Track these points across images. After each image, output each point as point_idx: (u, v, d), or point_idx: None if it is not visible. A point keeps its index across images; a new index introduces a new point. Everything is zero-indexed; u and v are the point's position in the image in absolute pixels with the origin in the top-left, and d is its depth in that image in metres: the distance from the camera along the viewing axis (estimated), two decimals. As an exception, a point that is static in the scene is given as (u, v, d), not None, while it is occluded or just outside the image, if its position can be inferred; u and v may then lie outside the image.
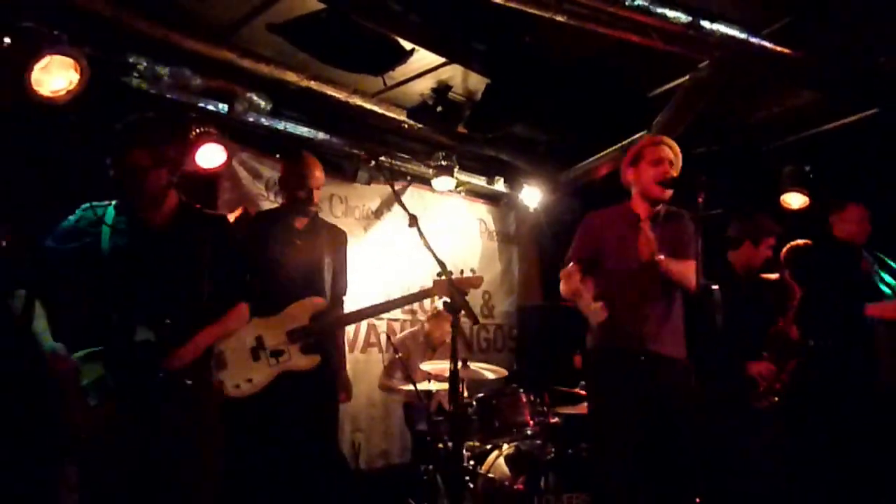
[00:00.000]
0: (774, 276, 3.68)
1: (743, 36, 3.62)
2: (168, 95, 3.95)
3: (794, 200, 5.07)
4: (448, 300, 2.34)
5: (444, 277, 2.42)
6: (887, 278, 3.94)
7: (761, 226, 3.68)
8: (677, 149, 3.00)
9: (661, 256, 2.84)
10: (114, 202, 2.30)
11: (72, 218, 2.29)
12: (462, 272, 3.11)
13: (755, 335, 3.48)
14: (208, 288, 2.26)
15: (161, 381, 2.11)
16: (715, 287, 3.27)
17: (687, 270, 2.76)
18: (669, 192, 2.95)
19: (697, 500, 2.69)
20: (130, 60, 3.80)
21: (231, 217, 3.22)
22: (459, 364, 3.77)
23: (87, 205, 2.29)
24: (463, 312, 2.33)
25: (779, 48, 3.75)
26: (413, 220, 2.43)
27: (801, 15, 3.66)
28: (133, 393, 2.10)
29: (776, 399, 3.41)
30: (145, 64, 3.81)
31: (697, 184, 2.65)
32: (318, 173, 3.27)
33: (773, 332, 3.50)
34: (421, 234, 2.42)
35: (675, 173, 2.96)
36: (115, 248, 2.20)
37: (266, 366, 2.90)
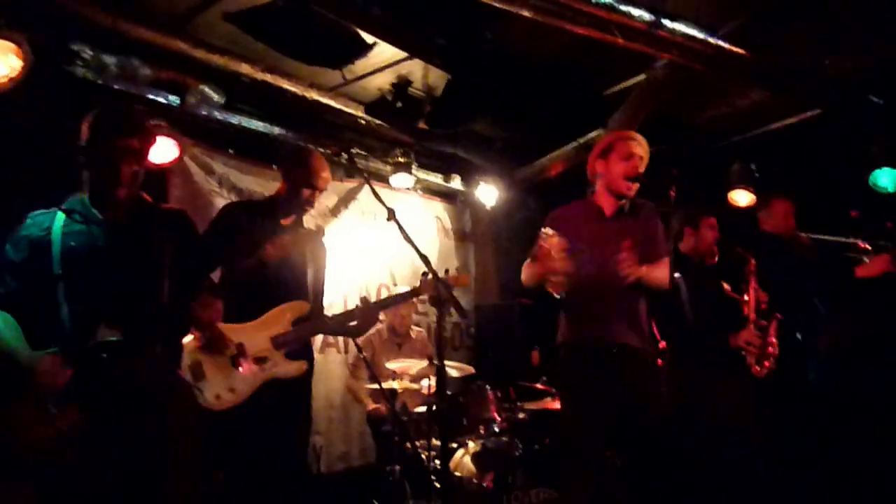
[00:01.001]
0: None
1: (702, 36, 3.71)
2: (115, 86, 3.75)
3: (741, 198, 5.21)
4: (433, 295, 2.27)
5: (430, 276, 2.35)
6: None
7: (693, 211, 3.74)
8: (647, 146, 3.03)
9: (643, 270, 2.82)
10: (65, 204, 2.15)
11: (22, 227, 2.15)
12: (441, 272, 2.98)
13: (726, 316, 3.51)
14: (172, 284, 2.14)
15: (130, 382, 1.98)
16: (677, 276, 3.37)
17: (663, 273, 2.82)
18: (636, 188, 2.96)
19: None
20: (75, 48, 3.59)
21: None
22: (426, 362, 3.81)
23: (37, 212, 2.17)
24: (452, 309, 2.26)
25: (734, 48, 3.86)
26: (391, 214, 2.36)
27: (756, 16, 3.77)
28: (99, 397, 1.96)
29: (772, 363, 3.43)
30: (91, 52, 3.62)
31: (669, 179, 2.68)
32: (326, 175, 3.03)
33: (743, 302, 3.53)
34: (401, 227, 2.36)
35: (642, 170, 2.99)
36: (69, 249, 2.07)
37: (249, 374, 2.69)
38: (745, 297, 3.51)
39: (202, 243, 2.46)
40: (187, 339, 2.58)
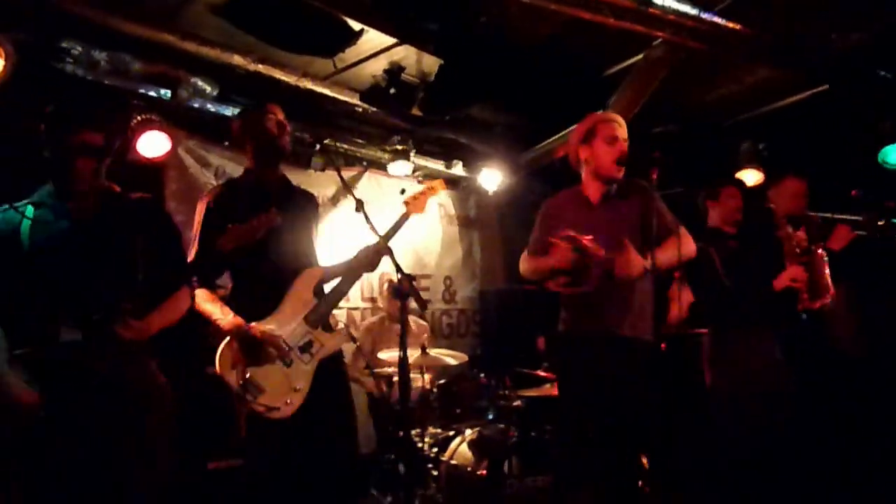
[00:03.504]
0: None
1: (694, 12, 3.60)
2: (106, 81, 3.77)
3: (750, 177, 5.12)
4: (396, 285, 2.24)
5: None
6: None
7: (710, 186, 3.74)
8: (624, 124, 2.96)
9: (648, 264, 2.76)
10: (34, 196, 2.16)
11: None
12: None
13: (762, 277, 3.47)
14: (144, 277, 2.14)
15: (98, 380, 1.99)
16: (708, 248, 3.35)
17: (677, 248, 2.77)
18: (623, 170, 2.91)
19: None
20: (64, 45, 3.61)
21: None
22: (419, 351, 3.80)
23: (5, 206, 2.15)
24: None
25: (730, 24, 3.75)
26: (360, 205, 2.33)
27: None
28: (65, 397, 1.97)
29: (830, 296, 3.42)
30: (80, 49, 3.64)
31: (651, 160, 2.62)
32: (273, 114, 2.78)
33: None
34: (367, 219, 2.33)
35: (626, 151, 2.93)
36: (36, 244, 2.07)
37: (303, 365, 2.55)
38: (784, 243, 3.46)
39: (170, 234, 2.39)
40: (220, 356, 2.49)
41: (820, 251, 3.49)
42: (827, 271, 3.47)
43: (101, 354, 2.04)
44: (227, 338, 2.52)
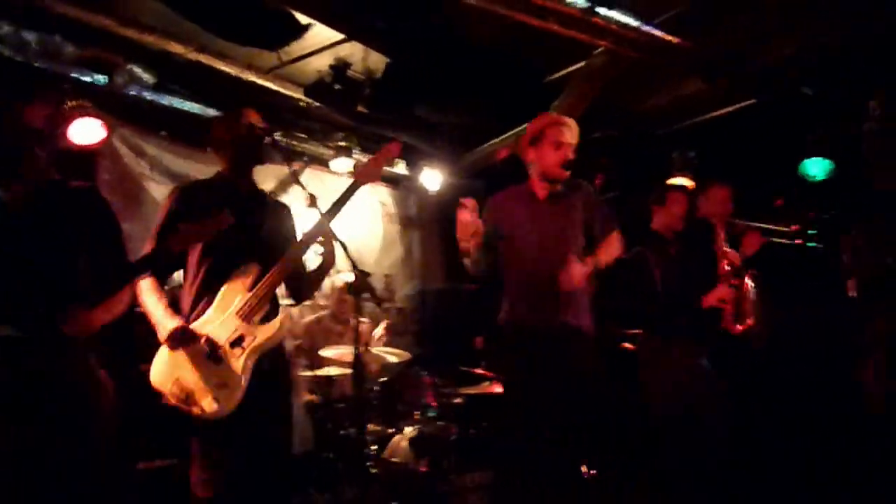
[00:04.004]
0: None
1: (635, 24, 3.73)
2: (36, 64, 3.60)
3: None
4: (351, 282, 2.23)
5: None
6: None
7: (657, 189, 3.86)
8: (577, 130, 3.05)
9: (595, 261, 2.91)
10: None
11: None
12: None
13: (698, 286, 3.57)
14: (83, 270, 2.05)
15: (32, 377, 1.90)
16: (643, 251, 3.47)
17: (615, 248, 2.96)
18: (568, 173, 3.00)
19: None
20: (-9, 24, 3.43)
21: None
22: (362, 348, 3.78)
23: None
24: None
25: (667, 37, 3.90)
26: (312, 200, 2.30)
27: (695, 5, 3.80)
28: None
29: (752, 320, 3.53)
30: (9, 28, 3.45)
31: (596, 165, 2.71)
32: (254, 116, 2.69)
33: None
34: (321, 213, 2.30)
35: (573, 156, 3.01)
36: None
37: (234, 360, 2.42)
38: (717, 259, 3.57)
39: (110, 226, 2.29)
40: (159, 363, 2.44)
41: (748, 279, 3.62)
42: (752, 297, 3.60)
43: (39, 350, 1.95)
44: (163, 346, 2.45)
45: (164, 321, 2.41)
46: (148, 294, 2.45)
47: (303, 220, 2.74)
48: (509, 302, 3.07)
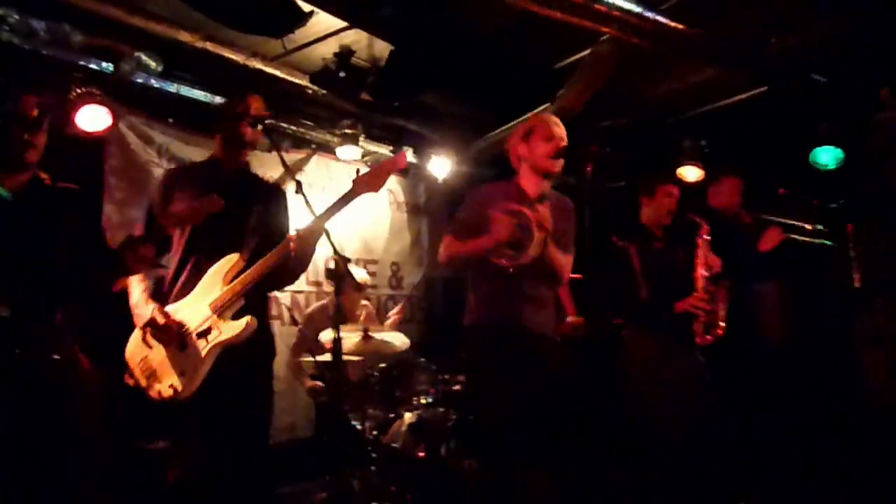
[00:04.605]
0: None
1: (639, 10, 3.69)
2: (44, 52, 3.66)
3: (690, 174, 5.26)
4: (331, 268, 2.26)
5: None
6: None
7: (649, 179, 3.80)
8: (564, 128, 3.06)
9: (551, 250, 2.88)
10: None
11: None
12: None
13: (677, 283, 3.55)
14: (69, 263, 2.10)
15: (18, 360, 1.96)
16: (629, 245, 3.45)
17: (567, 264, 2.96)
18: (560, 164, 3.00)
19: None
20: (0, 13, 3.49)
21: None
22: (360, 334, 3.82)
23: None
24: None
25: (674, 24, 3.85)
26: (298, 187, 2.33)
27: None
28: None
29: (719, 332, 3.50)
30: (17, 17, 3.51)
31: (586, 154, 2.70)
32: (257, 103, 2.78)
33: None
34: (307, 201, 2.33)
35: (564, 144, 3.01)
36: None
37: (198, 349, 2.46)
38: (696, 263, 3.54)
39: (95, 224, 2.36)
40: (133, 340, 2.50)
41: (726, 285, 3.58)
42: (724, 308, 3.56)
43: (27, 336, 2.01)
44: (138, 328, 2.52)
45: (142, 306, 2.46)
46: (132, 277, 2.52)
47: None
48: (478, 301, 3.02)
